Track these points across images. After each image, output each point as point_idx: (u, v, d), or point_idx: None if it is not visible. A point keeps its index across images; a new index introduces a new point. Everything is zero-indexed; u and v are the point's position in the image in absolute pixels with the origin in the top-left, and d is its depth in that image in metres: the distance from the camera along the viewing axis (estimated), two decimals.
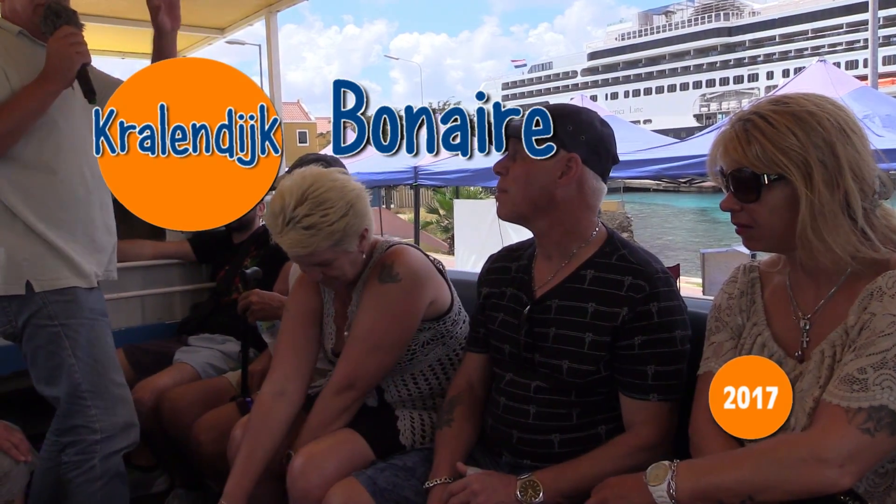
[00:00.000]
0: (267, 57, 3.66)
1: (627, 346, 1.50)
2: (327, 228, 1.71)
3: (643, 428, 1.49)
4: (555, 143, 1.52)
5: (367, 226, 1.82)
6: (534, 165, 1.53)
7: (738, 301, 1.38)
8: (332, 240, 1.73)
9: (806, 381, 1.20)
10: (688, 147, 8.20)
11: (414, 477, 1.67)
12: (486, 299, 1.77)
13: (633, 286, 1.50)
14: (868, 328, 1.13)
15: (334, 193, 1.74)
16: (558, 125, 1.52)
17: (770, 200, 1.18)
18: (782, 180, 1.16)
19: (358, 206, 1.77)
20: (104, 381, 1.99)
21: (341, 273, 1.83)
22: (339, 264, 1.81)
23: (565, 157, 1.54)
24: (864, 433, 1.08)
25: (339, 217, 1.73)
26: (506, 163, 1.59)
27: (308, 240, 1.71)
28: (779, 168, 1.16)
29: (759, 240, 1.25)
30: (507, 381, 1.65)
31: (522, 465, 1.59)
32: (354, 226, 1.77)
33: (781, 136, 1.15)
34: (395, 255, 1.85)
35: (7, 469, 1.84)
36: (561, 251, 1.62)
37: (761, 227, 1.22)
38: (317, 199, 1.72)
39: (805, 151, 1.14)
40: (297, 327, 1.95)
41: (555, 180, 1.54)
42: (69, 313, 1.95)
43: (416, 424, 1.88)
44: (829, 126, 1.15)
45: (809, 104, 1.18)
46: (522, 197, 1.57)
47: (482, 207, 11.69)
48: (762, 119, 1.18)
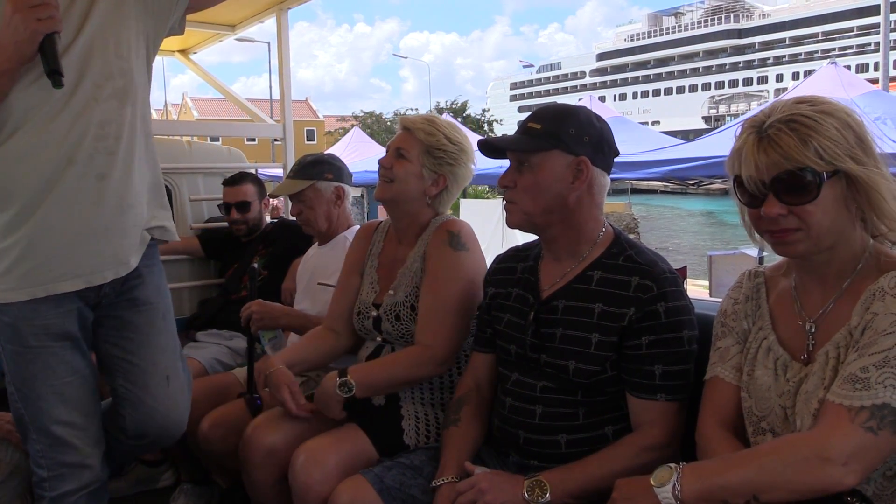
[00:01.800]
0: (277, 55, 3.67)
1: (635, 346, 1.50)
2: (435, 127, 1.99)
3: (651, 428, 1.50)
4: (561, 148, 1.54)
5: (449, 182, 2.02)
6: (544, 174, 1.55)
7: (743, 306, 1.39)
8: (426, 137, 1.97)
9: (811, 383, 1.21)
10: (696, 148, 8.20)
11: (421, 476, 1.68)
12: (492, 299, 1.78)
13: (640, 286, 1.51)
14: (870, 328, 1.14)
15: (463, 133, 2.08)
16: (560, 129, 1.54)
17: (826, 198, 1.17)
18: (836, 175, 1.17)
19: (461, 156, 2.02)
20: (43, 420, 1.70)
21: (401, 182, 1.97)
22: (407, 170, 1.97)
23: (574, 162, 1.56)
24: (868, 431, 1.08)
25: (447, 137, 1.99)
26: (512, 175, 1.60)
27: (420, 117, 2.05)
28: (836, 163, 1.16)
29: (803, 242, 1.20)
30: (514, 381, 1.65)
31: (530, 466, 1.59)
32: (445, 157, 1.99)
33: (830, 133, 1.16)
34: (460, 225, 1.99)
35: (17, 462, 1.85)
36: (570, 253, 1.63)
37: (812, 227, 1.19)
38: (456, 125, 2.11)
39: (849, 144, 1.17)
40: (351, 275, 2.13)
41: (567, 185, 1.56)
42: (4, 336, 1.68)
43: (422, 424, 1.90)
44: (848, 118, 1.19)
45: (831, 102, 1.21)
46: (534, 206, 1.58)
47: (488, 207, 11.70)
48: (807, 118, 1.17)
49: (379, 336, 2.01)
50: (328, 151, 8.12)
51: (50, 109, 1.59)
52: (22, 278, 1.62)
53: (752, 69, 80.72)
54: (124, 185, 1.70)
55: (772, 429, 1.27)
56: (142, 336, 1.82)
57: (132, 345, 1.81)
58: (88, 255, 1.67)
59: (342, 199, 2.56)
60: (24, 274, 1.62)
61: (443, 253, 1.92)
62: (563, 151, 1.56)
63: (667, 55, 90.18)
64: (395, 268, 2.03)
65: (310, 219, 2.53)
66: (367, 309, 2.03)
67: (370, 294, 2.05)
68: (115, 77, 1.67)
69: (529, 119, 1.63)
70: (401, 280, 1.99)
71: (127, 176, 1.70)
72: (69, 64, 1.57)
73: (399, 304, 1.96)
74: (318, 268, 2.54)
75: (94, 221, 1.66)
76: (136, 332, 1.81)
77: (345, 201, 2.58)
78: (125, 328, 1.81)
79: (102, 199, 1.66)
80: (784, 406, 1.25)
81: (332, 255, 2.49)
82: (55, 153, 1.60)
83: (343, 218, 2.58)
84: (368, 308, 2.03)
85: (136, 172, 1.74)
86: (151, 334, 1.84)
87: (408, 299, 1.95)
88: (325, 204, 2.52)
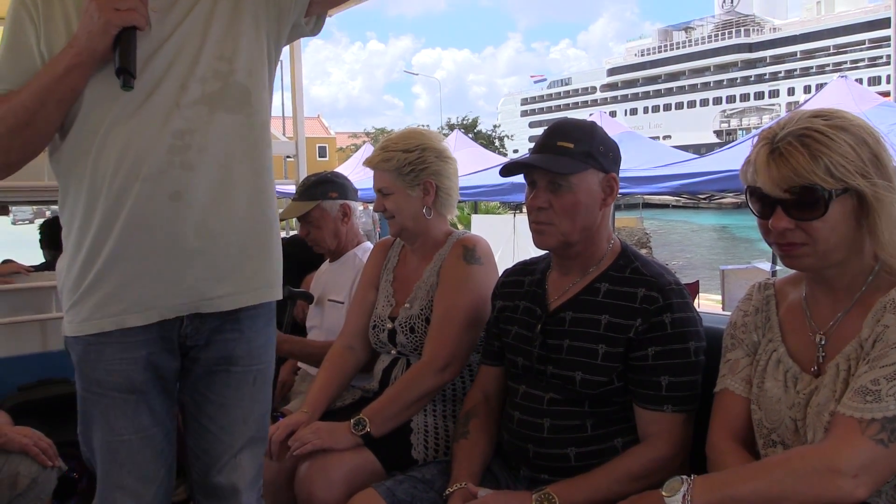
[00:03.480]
0: (290, 72, 3.72)
1: (641, 357, 1.51)
2: (391, 152, 2.00)
3: (658, 439, 1.50)
4: (595, 167, 1.56)
5: (436, 184, 2.02)
6: (583, 194, 1.56)
7: (753, 318, 1.39)
8: (390, 164, 1.99)
9: (822, 396, 1.21)
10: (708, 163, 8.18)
11: (433, 489, 1.68)
12: (500, 312, 1.79)
13: (646, 298, 1.52)
14: (882, 340, 1.14)
15: (416, 136, 2.06)
16: (592, 147, 1.57)
17: (834, 215, 1.17)
18: (846, 193, 1.17)
19: (427, 155, 2.00)
20: (97, 471, 1.47)
21: (398, 213, 2.02)
22: (397, 201, 2.00)
23: (606, 179, 1.59)
24: (878, 444, 1.08)
25: (405, 150, 2.00)
26: (545, 196, 1.57)
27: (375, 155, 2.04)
28: (846, 181, 1.15)
29: (810, 256, 1.21)
30: (522, 394, 1.66)
31: (541, 480, 1.59)
32: (416, 167, 1.98)
33: (843, 149, 1.15)
34: (476, 240, 2.03)
35: (35, 474, 1.88)
36: (581, 266, 1.65)
37: (818, 242, 1.19)
38: (404, 133, 2.11)
39: (863, 162, 1.16)
40: (368, 290, 2.16)
41: (601, 203, 1.59)
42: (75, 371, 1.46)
43: (430, 439, 1.90)
44: (867, 134, 1.18)
45: (849, 116, 1.21)
46: (572, 227, 1.58)
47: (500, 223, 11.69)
48: (819, 133, 1.16)
49: (394, 349, 2.03)
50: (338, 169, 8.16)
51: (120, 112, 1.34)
52: (93, 309, 1.39)
53: (764, 83, 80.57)
54: (210, 208, 1.39)
55: (782, 441, 1.27)
56: (221, 400, 1.51)
57: (209, 407, 1.52)
58: (161, 285, 1.39)
59: (349, 216, 2.58)
60: (96, 304, 1.39)
61: (456, 265, 1.96)
62: (597, 170, 1.57)
63: (677, 70, 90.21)
64: (411, 282, 2.06)
65: (318, 238, 2.55)
66: (382, 322, 2.06)
67: (386, 308, 2.08)
68: (209, 80, 1.39)
69: (555, 137, 1.59)
70: (416, 293, 2.02)
71: (215, 198, 1.39)
72: (153, 62, 1.35)
73: (414, 317, 1.98)
74: (329, 284, 2.57)
75: (167, 247, 1.37)
76: (216, 393, 1.51)
77: (352, 218, 2.60)
78: (206, 386, 1.51)
79: (178, 221, 1.36)
80: (794, 418, 1.25)
81: (341, 272, 2.52)
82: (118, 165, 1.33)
83: (352, 234, 2.60)
84: (384, 321, 2.06)
85: (234, 197, 1.42)
86: (232, 401, 1.52)
87: (423, 312, 1.98)
88: (333, 222, 2.54)
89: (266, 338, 1.57)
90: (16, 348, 2.82)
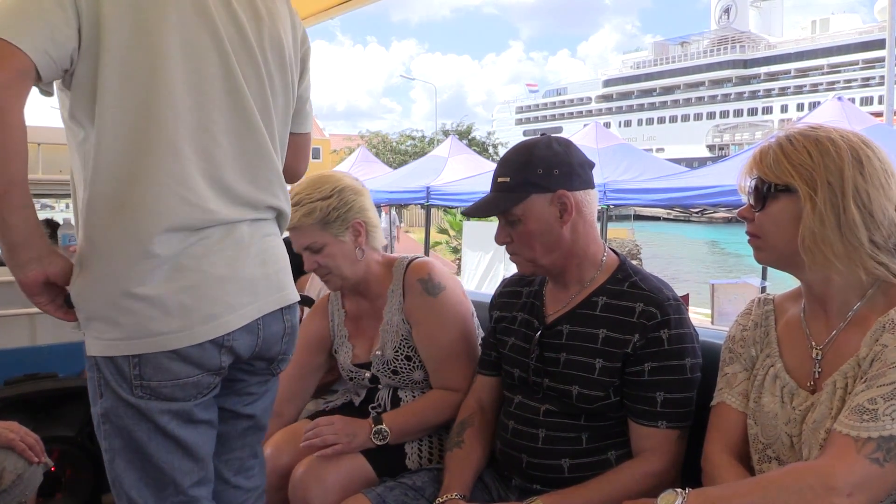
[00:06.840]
0: None
1: (637, 373, 1.51)
2: (309, 205, 1.84)
3: (651, 455, 1.50)
4: (536, 191, 1.53)
5: (363, 221, 1.91)
6: (532, 222, 1.55)
7: (751, 333, 1.39)
8: (313, 217, 1.84)
9: (818, 413, 1.21)
10: (700, 177, 8.23)
11: (423, 497, 1.68)
12: (497, 323, 1.79)
13: (644, 313, 1.52)
14: (879, 359, 1.14)
15: (326, 180, 1.90)
16: (527, 174, 1.54)
17: (773, 211, 1.24)
18: (787, 192, 1.22)
19: (346, 195, 1.88)
20: None
21: (335, 266, 1.90)
22: (330, 252, 1.88)
23: (554, 198, 1.54)
24: (873, 463, 1.08)
25: (323, 197, 1.85)
26: (505, 231, 1.60)
27: (293, 215, 1.76)
28: (785, 178, 1.21)
29: (762, 250, 1.29)
30: (517, 404, 1.65)
31: (532, 490, 1.59)
32: (340, 211, 1.86)
33: (797, 153, 1.22)
34: (428, 267, 1.95)
35: (21, 470, 1.86)
36: (577, 280, 1.64)
37: (765, 237, 1.27)
38: (311, 181, 1.89)
39: (814, 170, 1.19)
40: (304, 354, 2.00)
41: (557, 221, 1.55)
42: None
43: (424, 448, 1.89)
44: (844, 153, 1.19)
45: (834, 133, 1.23)
46: (535, 253, 1.58)
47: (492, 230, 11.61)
48: (786, 139, 1.25)
49: (380, 384, 1.99)
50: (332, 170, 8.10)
51: None
52: None
53: (757, 99, 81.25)
54: None
55: (777, 456, 1.27)
56: None
57: None
58: None
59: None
60: None
61: (424, 303, 1.91)
62: (540, 193, 1.54)
63: (672, 83, 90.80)
64: (372, 327, 2.00)
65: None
66: (357, 373, 2.01)
67: (347, 359, 2.02)
68: None
69: (497, 174, 1.60)
70: (384, 338, 1.96)
71: None
72: None
73: (390, 361, 1.94)
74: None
75: None
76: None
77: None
78: None
79: None
80: (790, 434, 1.25)
81: None
82: None
83: None
84: (358, 371, 2.01)
85: None
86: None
87: (399, 353, 1.93)
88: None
89: None
90: (3, 342, 2.79)
